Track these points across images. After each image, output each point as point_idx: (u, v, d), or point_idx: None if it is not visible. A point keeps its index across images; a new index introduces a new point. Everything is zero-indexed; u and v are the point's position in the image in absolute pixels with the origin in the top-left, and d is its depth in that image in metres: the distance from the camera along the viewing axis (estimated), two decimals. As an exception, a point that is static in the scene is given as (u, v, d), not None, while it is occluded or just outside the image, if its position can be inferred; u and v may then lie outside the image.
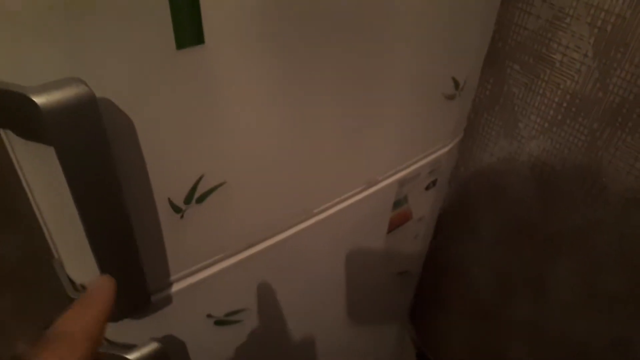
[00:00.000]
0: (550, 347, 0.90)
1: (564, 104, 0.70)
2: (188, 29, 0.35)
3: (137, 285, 0.44)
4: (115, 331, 0.50)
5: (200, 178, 0.44)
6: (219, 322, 0.59)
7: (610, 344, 0.79)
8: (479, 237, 0.94)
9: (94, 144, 0.34)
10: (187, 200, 0.45)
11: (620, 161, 0.67)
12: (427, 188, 0.73)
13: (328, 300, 0.75)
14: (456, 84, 0.63)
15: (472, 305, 1.05)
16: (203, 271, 0.52)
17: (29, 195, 0.42)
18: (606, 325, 0.79)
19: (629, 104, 0.63)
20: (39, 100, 0.30)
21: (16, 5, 0.29)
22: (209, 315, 0.57)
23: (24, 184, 0.41)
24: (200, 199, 0.46)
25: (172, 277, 0.50)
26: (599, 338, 0.81)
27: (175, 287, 0.51)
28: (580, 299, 0.80)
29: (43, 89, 0.30)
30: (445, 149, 0.71)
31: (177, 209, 0.45)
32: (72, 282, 0.45)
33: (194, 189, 0.45)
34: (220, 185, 0.46)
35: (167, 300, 0.51)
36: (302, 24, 0.42)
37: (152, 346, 0.50)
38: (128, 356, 0.49)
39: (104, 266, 0.40)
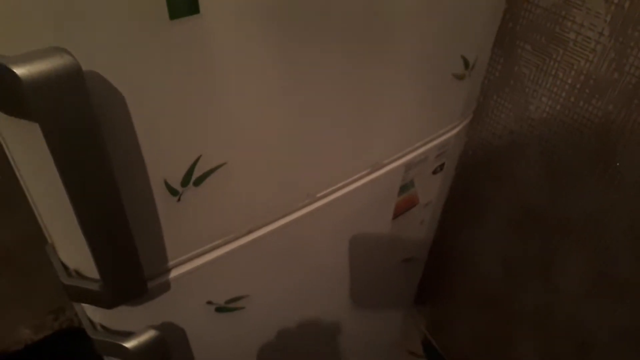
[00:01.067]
0: (558, 336, 0.89)
1: (577, 85, 0.68)
2: (182, -4, 0.33)
3: (132, 271, 0.43)
4: (112, 318, 0.49)
5: (198, 159, 0.42)
6: (220, 309, 0.57)
7: (620, 333, 0.78)
8: (486, 223, 0.92)
9: (81, 120, 0.32)
10: (185, 182, 0.43)
11: (636, 145, 0.64)
12: (434, 172, 0.71)
13: (332, 287, 0.74)
14: (466, 63, 0.60)
15: (479, 293, 1.03)
16: (202, 257, 0.51)
17: (19, 177, 0.40)
18: (616, 314, 0.77)
19: (646, 85, 0.60)
20: (19, 71, 0.28)
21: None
22: (209, 302, 0.55)
23: (13, 165, 0.39)
24: (198, 181, 0.44)
25: (170, 263, 0.48)
26: (608, 328, 0.79)
27: (173, 273, 0.49)
28: (589, 287, 0.78)
29: (24, 59, 0.28)
30: (454, 131, 0.68)
31: (173, 192, 0.43)
32: (65, 267, 0.44)
33: (191, 170, 0.43)
34: (220, 166, 0.44)
35: (165, 286, 0.49)
36: (306, -4, 0.40)
37: (150, 334, 0.49)
38: (125, 344, 0.48)
39: (97, 251, 0.39)
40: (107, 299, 0.42)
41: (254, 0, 0.37)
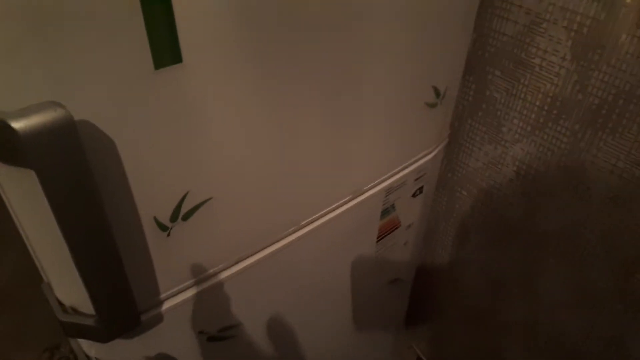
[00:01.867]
0: (545, 348, 0.91)
1: (545, 107, 0.71)
2: (165, 48, 0.36)
3: (126, 306, 0.44)
4: (107, 351, 0.50)
5: (186, 195, 0.45)
6: (212, 338, 0.59)
7: (603, 343, 0.80)
8: (469, 241, 0.95)
9: (74, 166, 0.34)
10: (173, 217, 0.45)
11: (602, 161, 0.67)
12: (414, 195, 0.74)
13: (322, 311, 0.75)
14: (437, 92, 0.64)
15: (466, 309, 1.05)
16: (193, 288, 0.53)
17: (15, 219, 0.42)
18: (597, 324, 0.79)
19: (608, 105, 0.64)
20: (17, 125, 0.30)
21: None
22: (201, 332, 0.57)
23: (9, 208, 0.41)
24: (187, 216, 0.46)
25: (162, 295, 0.50)
26: (592, 337, 0.81)
27: (165, 305, 0.51)
28: (571, 298, 0.81)
29: (21, 114, 0.31)
30: (430, 156, 0.71)
31: (163, 227, 0.45)
32: (61, 304, 0.45)
33: (179, 206, 0.45)
34: (207, 201, 0.47)
35: (158, 318, 0.51)
36: (280, 37, 0.43)
37: (144, 365, 0.50)
38: (120, 376, 0.49)
39: (92, 288, 0.41)
40: (103, 334, 0.44)
41: (233, 47, 0.40)
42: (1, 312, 0.99)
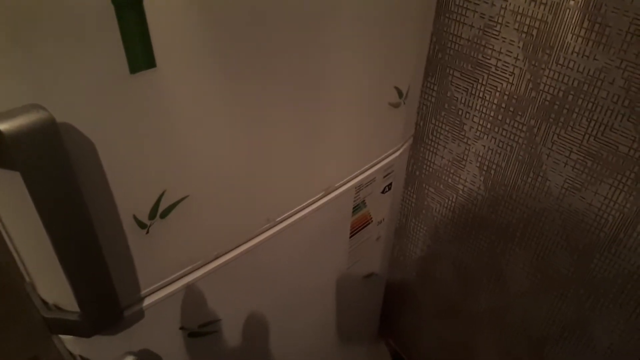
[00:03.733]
0: (514, 335, 0.95)
1: (503, 105, 0.76)
2: (140, 54, 0.38)
3: (109, 301, 0.46)
4: (91, 349, 0.52)
5: (163, 193, 0.47)
6: (193, 334, 0.61)
7: (568, 328, 0.84)
8: (437, 234, 0.99)
9: (58, 167, 0.36)
10: (152, 215, 0.47)
11: (557, 154, 0.72)
12: (383, 192, 0.77)
13: (299, 307, 0.78)
14: (400, 93, 0.67)
15: (438, 302, 1.09)
16: (173, 284, 0.55)
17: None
18: (562, 310, 0.83)
19: (559, 101, 0.69)
20: (2, 126, 0.32)
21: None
22: (182, 328, 0.59)
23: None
24: (164, 214, 0.48)
25: (143, 292, 0.52)
26: (557, 323, 0.85)
27: (146, 302, 0.53)
28: (535, 286, 0.85)
29: (5, 116, 0.33)
30: (397, 154, 0.75)
31: (142, 225, 0.47)
32: (44, 302, 0.47)
33: (157, 204, 0.47)
34: (183, 199, 0.49)
35: (140, 314, 0.53)
36: (248, 41, 0.46)
37: (128, 360, 0.52)
38: (104, 372, 0.51)
39: (76, 285, 0.42)
40: (87, 328, 0.46)
41: (203, 52, 0.43)
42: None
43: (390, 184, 0.78)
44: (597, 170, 0.68)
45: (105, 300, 0.46)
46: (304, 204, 0.65)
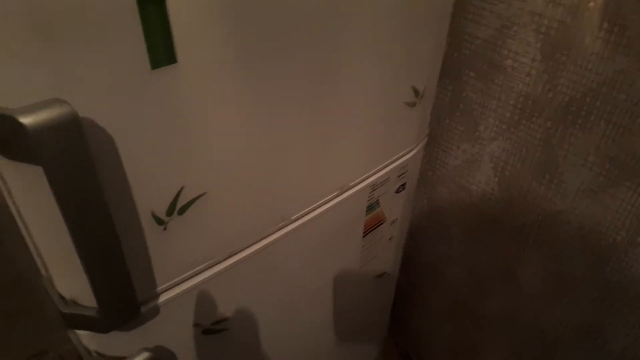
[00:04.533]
0: (526, 338, 0.94)
1: (519, 106, 0.75)
2: (161, 50, 0.38)
3: (127, 297, 0.46)
4: (107, 344, 0.52)
5: (181, 190, 0.47)
6: (207, 331, 0.61)
7: (582, 331, 0.83)
8: (450, 235, 0.98)
9: (79, 162, 0.36)
10: (169, 212, 0.47)
11: (574, 156, 0.71)
12: (397, 191, 0.77)
13: (311, 304, 0.78)
14: (416, 92, 0.67)
15: (450, 303, 1.08)
16: (187, 281, 0.55)
17: (16, 215, 0.44)
18: (576, 313, 0.83)
19: (576, 102, 0.68)
20: (25, 120, 0.32)
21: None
22: (196, 325, 0.59)
23: (11, 205, 0.43)
24: (182, 210, 0.48)
25: (159, 288, 0.52)
26: (571, 326, 0.85)
27: (162, 298, 0.53)
28: (549, 288, 0.85)
29: (28, 110, 0.32)
30: (411, 154, 0.75)
31: (160, 221, 0.47)
32: (62, 297, 0.47)
33: (175, 201, 0.47)
34: (201, 196, 0.49)
35: (155, 311, 0.53)
36: (269, 39, 0.46)
37: (143, 356, 0.52)
38: (120, 368, 0.51)
39: (94, 280, 0.42)
40: (104, 324, 0.46)
41: (224, 48, 0.43)
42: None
43: (405, 183, 0.78)
44: (615, 173, 0.68)
45: (124, 296, 0.46)
46: (319, 203, 0.65)
